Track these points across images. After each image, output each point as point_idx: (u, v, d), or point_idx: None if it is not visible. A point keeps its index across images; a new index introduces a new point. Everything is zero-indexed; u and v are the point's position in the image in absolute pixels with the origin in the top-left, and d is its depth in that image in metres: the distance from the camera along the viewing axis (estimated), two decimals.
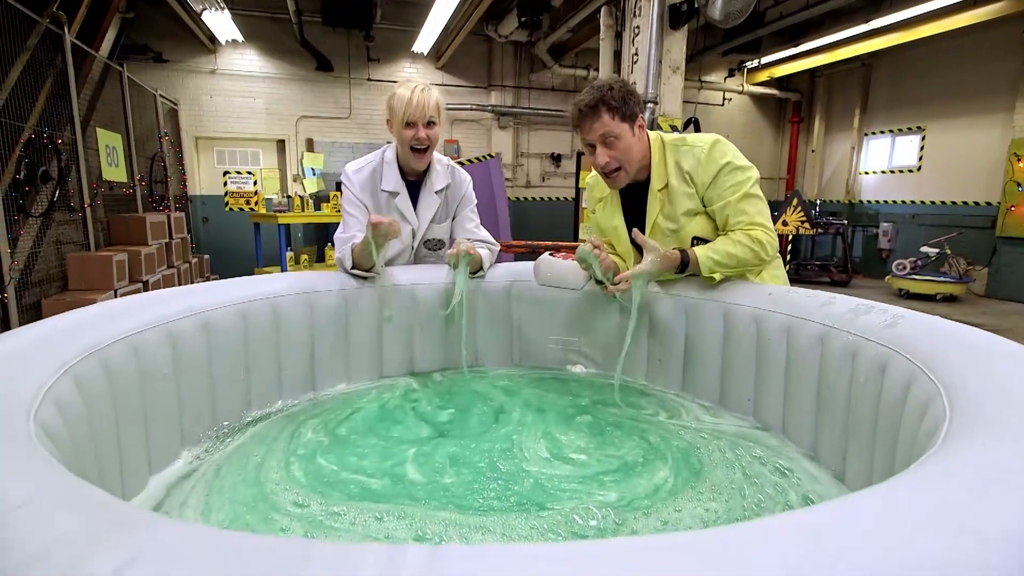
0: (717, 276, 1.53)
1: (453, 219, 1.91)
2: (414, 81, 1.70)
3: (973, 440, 0.61)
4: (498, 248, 1.93)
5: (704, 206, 1.58)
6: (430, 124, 1.69)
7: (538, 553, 0.36)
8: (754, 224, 1.52)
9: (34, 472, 0.52)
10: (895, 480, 0.51)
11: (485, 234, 1.91)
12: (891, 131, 8.79)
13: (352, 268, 1.68)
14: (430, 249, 1.91)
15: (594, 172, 1.82)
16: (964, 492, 0.49)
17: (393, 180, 1.77)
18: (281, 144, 7.99)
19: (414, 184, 1.82)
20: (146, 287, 4.53)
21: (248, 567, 0.37)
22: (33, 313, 3.61)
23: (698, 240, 1.59)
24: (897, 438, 0.92)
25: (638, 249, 1.59)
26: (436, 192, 1.82)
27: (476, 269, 1.81)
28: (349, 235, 1.72)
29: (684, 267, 1.53)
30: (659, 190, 1.60)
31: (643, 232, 1.63)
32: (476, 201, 1.94)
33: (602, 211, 1.77)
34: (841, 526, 0.43)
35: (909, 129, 8.51)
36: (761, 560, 0.38)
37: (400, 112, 1.65)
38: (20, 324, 3.34)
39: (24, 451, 0.58)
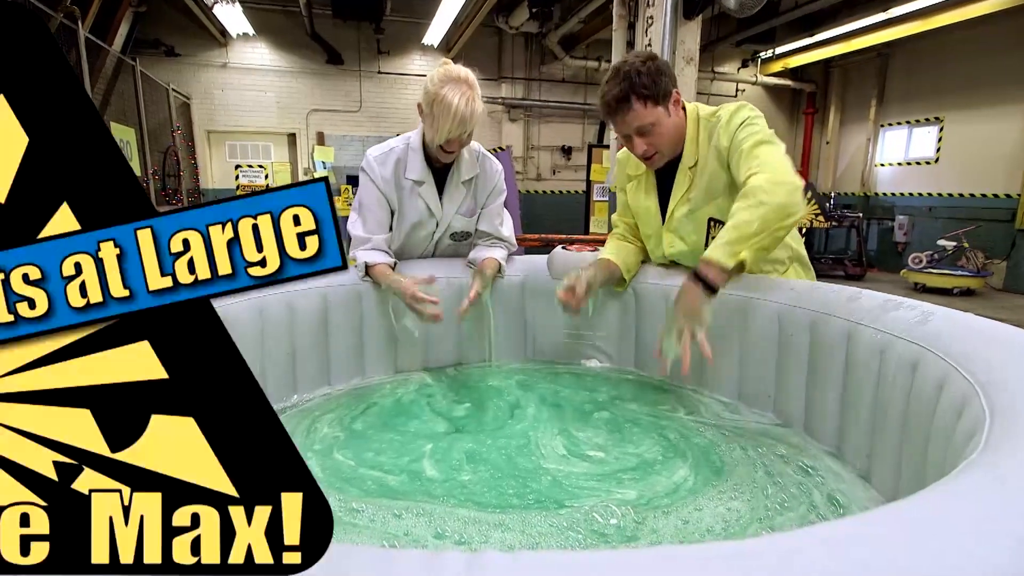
0: (745, 255, 1.29)
1: (482, 209, 1.82)
2: (459, 79, 1.51)
3: (1017, 442, 0.59)
4: (515, 247, 1.87)
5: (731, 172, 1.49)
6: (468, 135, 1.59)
7: (579, 560, 0.34)
8: (754, 173, 1.30)
9: None
10: (942, 485, 0.49)
11: (508, 233, 1.83)
12: (908, 122, 8.65)
13: (365, 277, 1.65)
14: (454, 240, 1.85)
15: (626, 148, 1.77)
16: (1014, 498, 0.47)
17: (419, 168, 1.67)
18: (292, 138, 8.01)
19: (440, 172, 1.72)
20: None
21: None
22: None
23: (715, 221, 1.51)
24: (929, 437, 0.90)
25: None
26: (463, 182, 1.73)
27: (495, 271, 1.76)
28: (366, 237, 1.66)
29: (705, 280, 1.29)
30: (689, 168, 1.53)
31: (665, 210, 1.59)
32: (506, 193, 1.84)
33: (634, 191, 1.70)
34: (891, 534, 0.41)
35: (926, 120, 8.36)
36: (811, 569, 0.37)
37: (444, 127, 1.50)
38: None
39: None
